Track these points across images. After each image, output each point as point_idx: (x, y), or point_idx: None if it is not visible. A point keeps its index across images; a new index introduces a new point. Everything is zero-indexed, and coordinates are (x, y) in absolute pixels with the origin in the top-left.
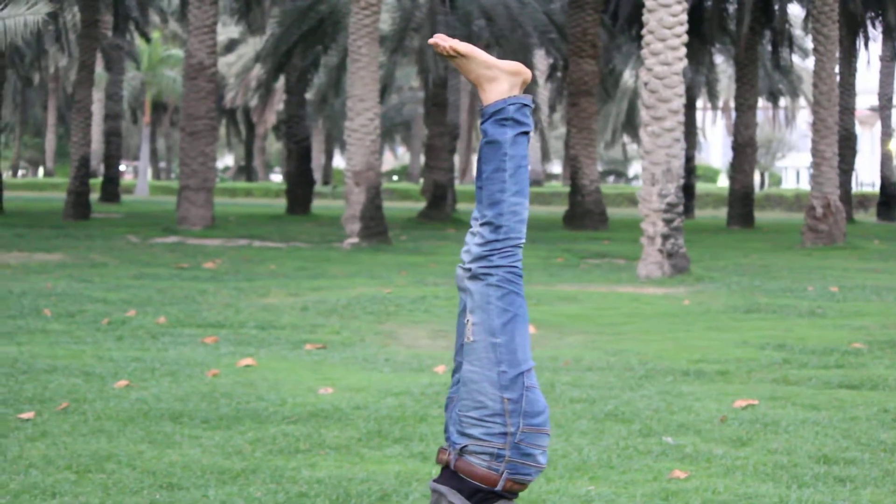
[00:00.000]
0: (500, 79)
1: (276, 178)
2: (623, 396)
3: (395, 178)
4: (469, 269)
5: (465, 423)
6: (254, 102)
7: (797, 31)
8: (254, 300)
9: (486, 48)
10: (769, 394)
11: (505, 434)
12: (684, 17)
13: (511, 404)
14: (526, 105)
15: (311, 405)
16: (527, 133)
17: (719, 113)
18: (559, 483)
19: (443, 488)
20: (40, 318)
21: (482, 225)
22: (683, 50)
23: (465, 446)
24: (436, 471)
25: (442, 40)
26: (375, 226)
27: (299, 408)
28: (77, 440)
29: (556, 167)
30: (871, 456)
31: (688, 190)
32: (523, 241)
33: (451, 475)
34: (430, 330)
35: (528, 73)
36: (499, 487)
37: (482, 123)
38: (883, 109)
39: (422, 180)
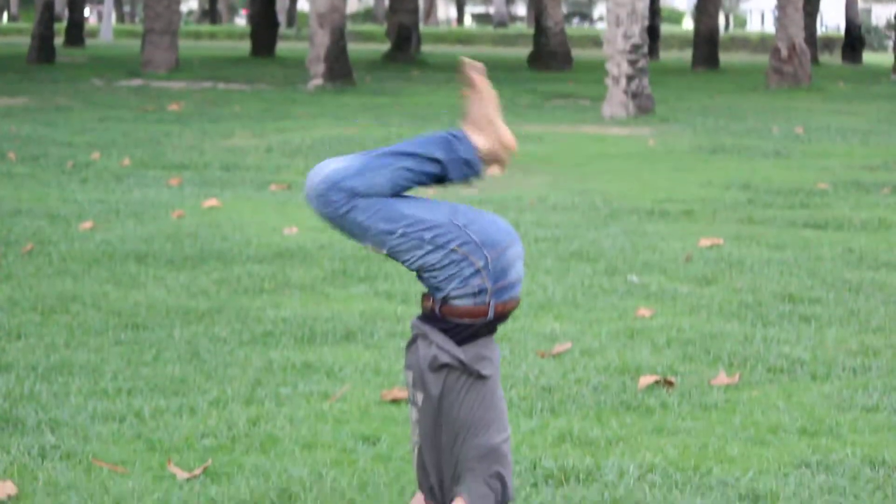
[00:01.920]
0: (486, 136)
1: (241, 21)
2: (588, 236)
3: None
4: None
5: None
6: None
7: None
8: (218, 142)
9: None
10: (734, 233)
11: (478, 271)
12: None
13: (465, 247)
14: (472, 169)
15: (276, 245)
16: (438, 178)
17: None
18: (524, 321)
19: (425, 327)
20: (5, 162)
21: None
22: None
23: (448, 294)
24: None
25: (471, 67)
26: (340, 67)
27: (264, 248)
28: (42, 282)
29: (521, 9)
30: (835, 295)
31: (652, 31)
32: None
33: (435, 318)
34: None
35: (509, 157)
36: (490, 316)
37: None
38: None
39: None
